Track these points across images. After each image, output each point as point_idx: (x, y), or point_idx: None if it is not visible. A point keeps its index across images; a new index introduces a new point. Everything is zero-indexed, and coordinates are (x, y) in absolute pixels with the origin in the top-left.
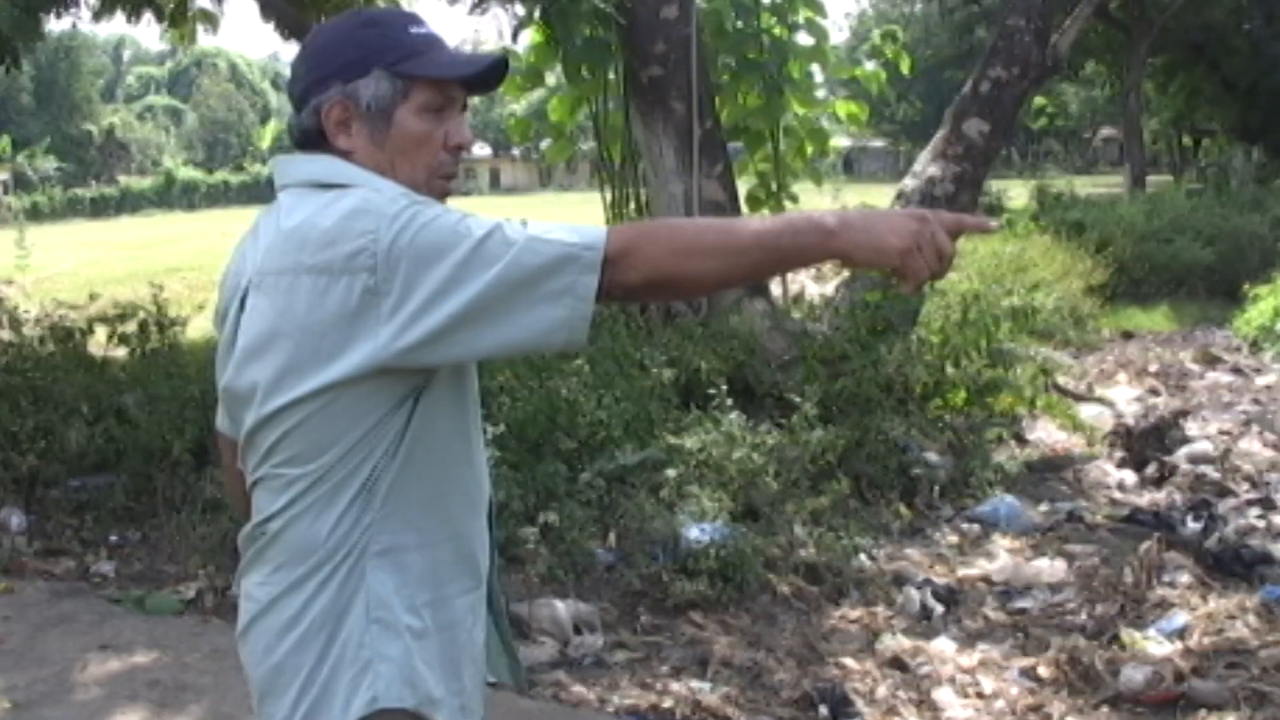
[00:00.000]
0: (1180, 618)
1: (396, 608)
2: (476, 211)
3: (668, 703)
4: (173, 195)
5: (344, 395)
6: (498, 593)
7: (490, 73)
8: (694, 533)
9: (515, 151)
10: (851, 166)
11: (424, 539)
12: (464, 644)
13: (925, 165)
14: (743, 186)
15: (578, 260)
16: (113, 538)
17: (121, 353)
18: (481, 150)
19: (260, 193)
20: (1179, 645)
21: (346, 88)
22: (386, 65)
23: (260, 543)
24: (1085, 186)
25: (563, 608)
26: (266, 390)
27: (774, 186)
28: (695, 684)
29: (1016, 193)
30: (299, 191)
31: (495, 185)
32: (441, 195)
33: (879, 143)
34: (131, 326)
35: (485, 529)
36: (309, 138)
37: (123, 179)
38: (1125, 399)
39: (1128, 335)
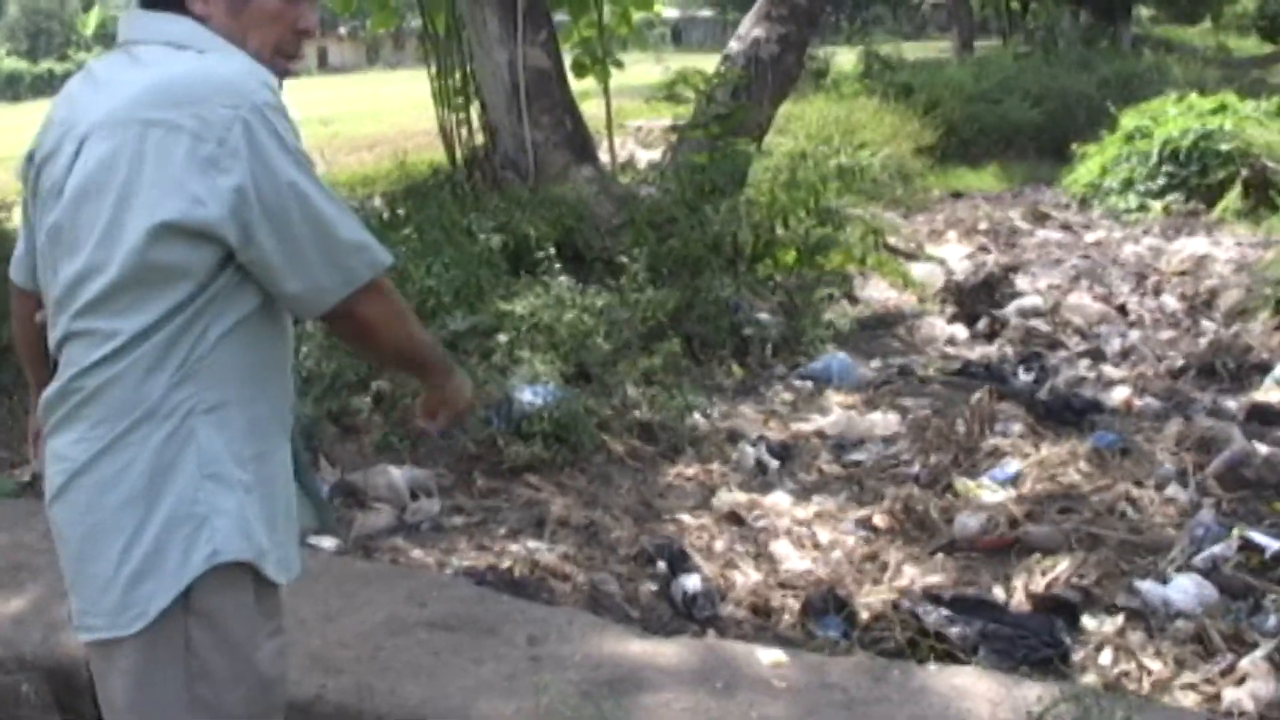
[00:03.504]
0: (1013, 465)
1: (227, 462)
2: (307, 89)
3: (506, 563)
4: None
5: (172, 249)
6: (299, 447)
7: None
8: (527, 396)
9: (342, 30)
10: (680, 37)
11: (246, 396)
12: (280, 497)
13: (750, 28)
14: (567, 54)
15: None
16: None
17: None
18: None
19: None
20: (1012, 492)
21: None
22: None
23: (75, 399)
24: (914, 52)
25: (398, 474)
26: (101, 235)
27: (599, 53)
28: (533, 544)
29: (845, 58)
30: (154, 48)
31: (323, 65)
32: (281, 74)
33: (707, 13)
34: None
35: (292, 384)
36: None
37: None
38: (956, 257)
39: (958, 195)
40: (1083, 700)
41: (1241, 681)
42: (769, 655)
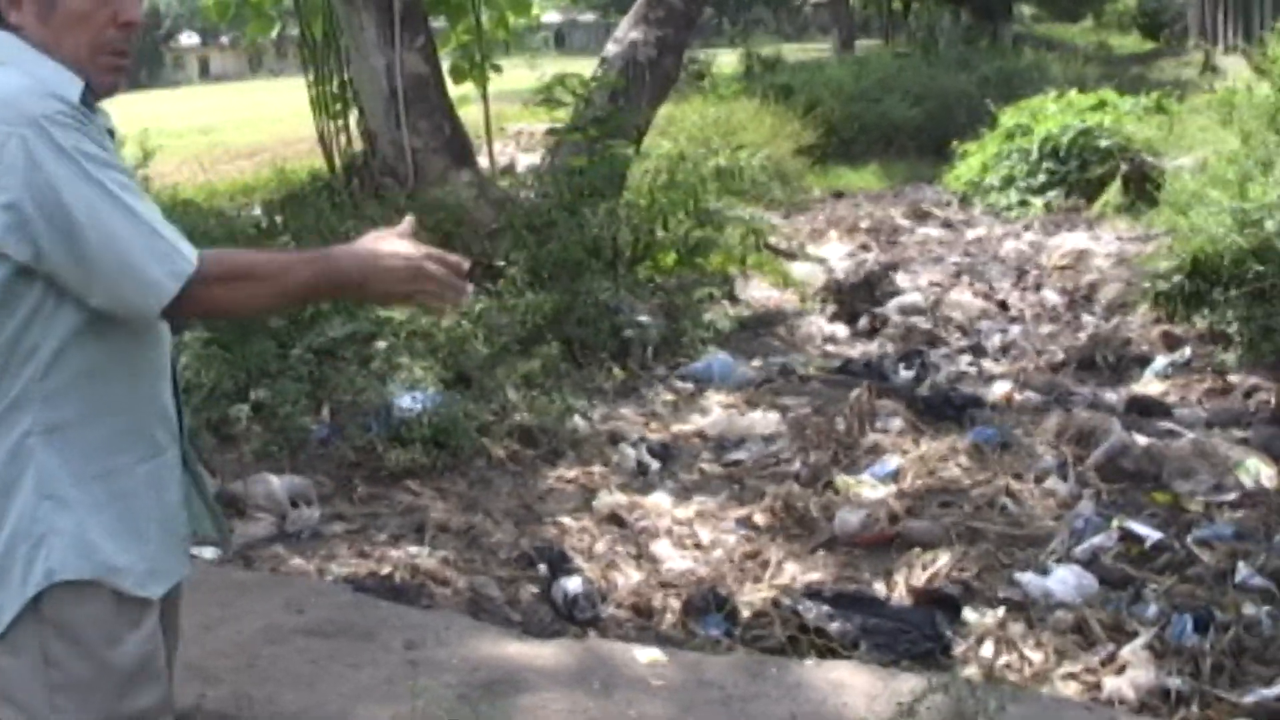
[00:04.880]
0: (893, 461)
1: (65, 483)
2: (188, 99)
3: (386, 569)
4: None
5: None
6: (191, 455)
7: None
8: (406, 402)
9: (224, 39)
10: (563, 40)
11: (90, 413)
12: (148, 509)
13: (627, 31)
14: (446, 60)
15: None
16: None
17: None
18: (190, 39)
19: None
20: (892, 488)
21: None
22: None
23: None
24: (795, 53)
25: (278, 483)
26: None
27: (477, 58)
28: (413, 549)
29: (726, 60)
30: None
31: (205, 74)
32: (112, 71)
33: (590, 16)
34: None
35: (166, 394)
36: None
37: None
38: (837, 256)
39: (839, 194)
40: (952, 690)
41: (1122, 670)
42: (646, 654)
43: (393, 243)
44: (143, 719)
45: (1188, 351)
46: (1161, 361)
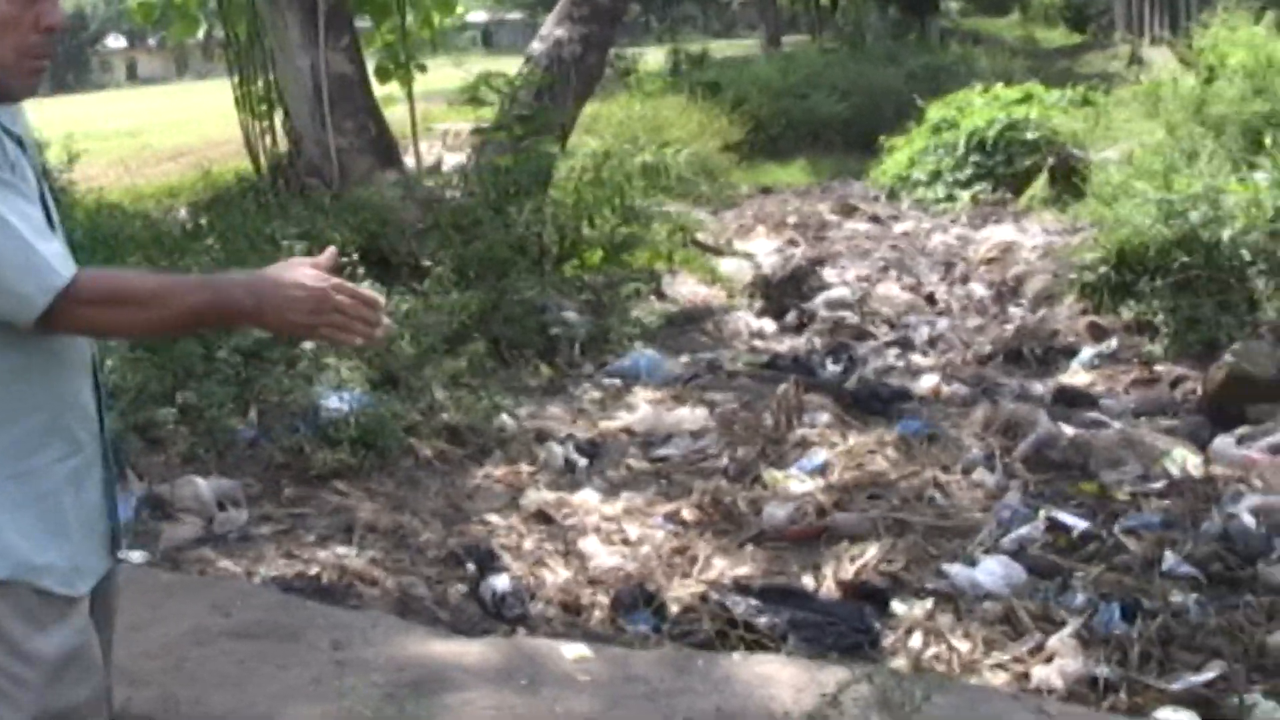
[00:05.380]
0: (820, 455)
1: None
2: (115, 102)
3: (314, 570)
4: None
5: None
6: (110, 455)
7: None
8: (333, 402)
9: (152, 41)
10: (490, 39)
11: (6, 414)
12: (69, 507)
13: (552, 28)
14: (371, 59)
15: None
16: None
17: None
18: (117, 42)
19: None
20: (820, 482)
21: None
22: None
23: None
24: (723, 49)
25: (205, 485)
26: None
27: (401, 58)
28: (341, 550)
29: (653, 57)
30: None
31: (132, 77)
32: (34, 75)
33: (517, 15)
34: None
35: (86, 392)
36: None
37: None
38: (764, 251)
39: (766, 190)
40: (877, 680)
41: (1050, 660)
42: (573, 650)
43: (297, 271)
44: (74, 715)
45: (1114, 342)
46: (1088, 352)
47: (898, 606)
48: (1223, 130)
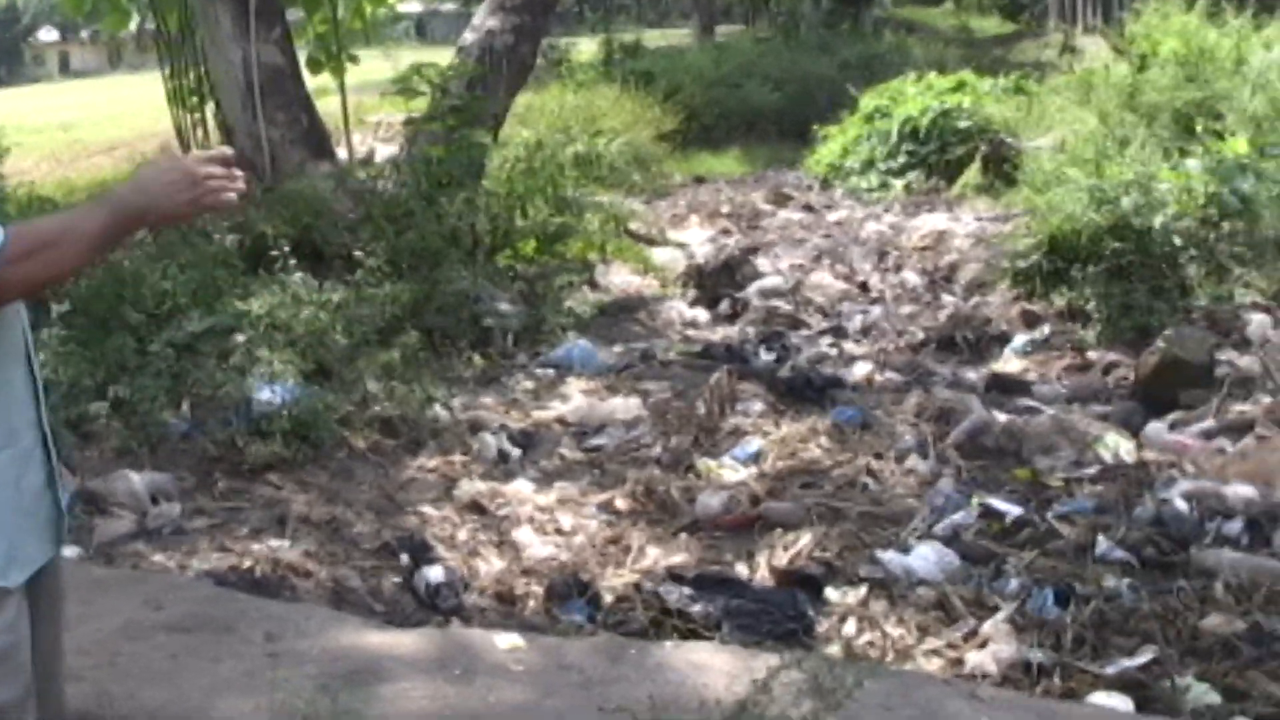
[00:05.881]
0: (754, 444)
1: None
2: (48, 95)
3: (248, 563)
4: None
5: None
6: (50, 445)
7: None
8: (266, 395)
9: (85, 34)
10: (424, 30)
11: None
12: (6, 497)
13: (484, 19)
14: (302, 51)
15: None
16: None
17: None
18: (49, 35)
19: None
20: (753, 470)
21: None
22: None
23: None
24: (657, 39)
25: (138, 480)
26: None
27: (334, 49)
28: (275, 543)
29: (586, 47)
30: None
31: (65, 69)
32: None
33: (451, 5)
34: None
35: (21, 381)
36: None
37: None
38: (698, 241)
39: (700, 180)
40: (808, 666)
41: (984, 645)
42: (507, 640)
43: (164, 164)
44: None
45: (1047, 329)
46: (1021, 339)
47: (832, 594)
48: (1155, 118)
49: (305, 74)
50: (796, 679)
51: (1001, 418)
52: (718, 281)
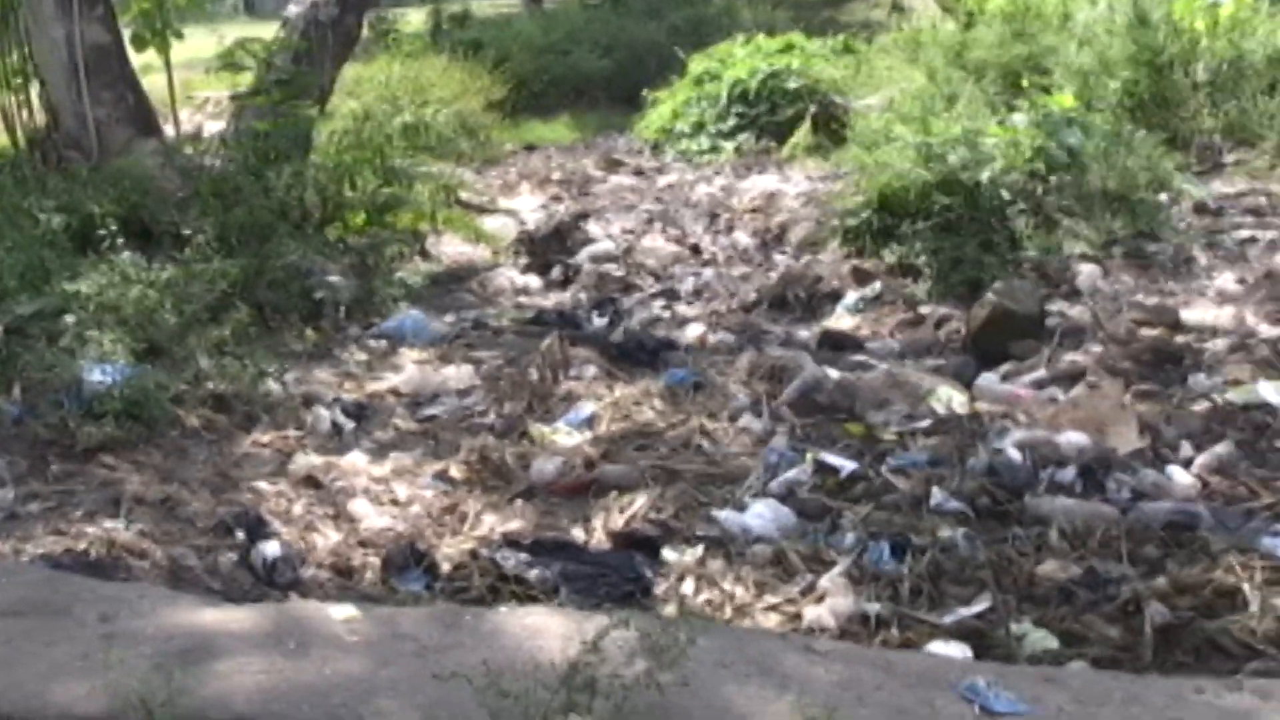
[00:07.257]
0: (588, 408)
1: None
2: None
3: (82, 545)
4: None
5: None
6: None
7: None
8: (96, 376)
9: None
10: (252, 5)
11: None
12: None
13: None
14: (127, 28)
15: None
16: None
17: None
18: None
19: None
20: (588, 434)
21: None
22: None
23: None
24: (485, 9)
25: None
26: None
27: (158, 25)
28: (109, 524)
29: (415, 18)
30: None
31: None
32: None
33: None
34: None
35: None
36: None
37: None
38: (529, 208)
39: (530, 147)
40: (637, 624)
41: (821, 599)
42: (341, 612)
43: None
44: None
45: (878, 286)
46: (852, 296)
47: (669, 554)
48: (983, 75)
49: (130, 51)
50: (630, 638)
51: (834, 374)
52: (549, 248)
